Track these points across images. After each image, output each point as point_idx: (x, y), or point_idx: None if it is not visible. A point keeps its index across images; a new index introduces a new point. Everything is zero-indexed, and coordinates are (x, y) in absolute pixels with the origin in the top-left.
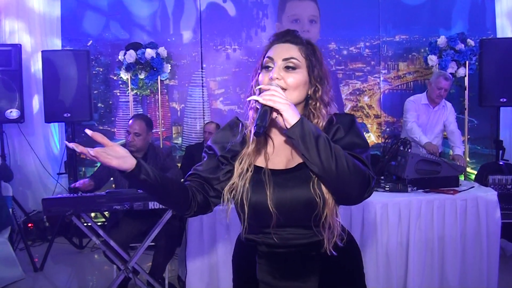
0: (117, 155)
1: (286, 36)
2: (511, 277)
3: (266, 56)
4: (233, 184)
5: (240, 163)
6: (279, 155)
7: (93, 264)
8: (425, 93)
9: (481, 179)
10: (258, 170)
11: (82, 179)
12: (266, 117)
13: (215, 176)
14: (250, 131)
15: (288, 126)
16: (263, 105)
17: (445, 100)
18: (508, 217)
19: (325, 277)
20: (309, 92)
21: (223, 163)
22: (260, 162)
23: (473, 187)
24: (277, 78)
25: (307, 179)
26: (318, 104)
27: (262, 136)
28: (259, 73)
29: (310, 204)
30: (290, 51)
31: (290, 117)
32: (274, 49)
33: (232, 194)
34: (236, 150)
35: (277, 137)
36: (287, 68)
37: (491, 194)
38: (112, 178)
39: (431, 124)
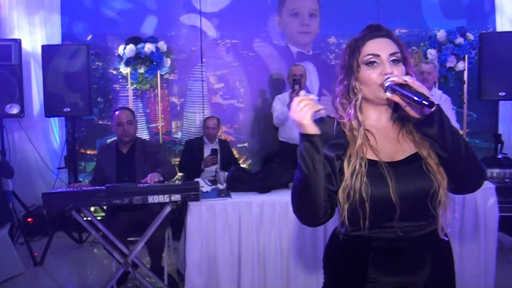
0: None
1: (382, 31)
2: (509, 270)
3: (367, 53)
4: (347, 184)
5: (349, 161)
6: (384, 148)
7: (92, 258)
8: None
9: None
10: (372, 163)
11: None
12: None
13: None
14: (354, 126)
15: (427, 112)
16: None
17: (442, 92)
18: (506, 210)
19: (435, 269)
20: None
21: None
22: (370, 155)
23: None
24: (392, 73)
25: (423, 170)
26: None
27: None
28: (359, 71)
29: (431, 194)
30: (391, 45)
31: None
32: (374, 45)
33: (346, 193)
34: (340, 149)
35: (376, 130)
36: (393, 61)
37: (489, 188)
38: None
39: None
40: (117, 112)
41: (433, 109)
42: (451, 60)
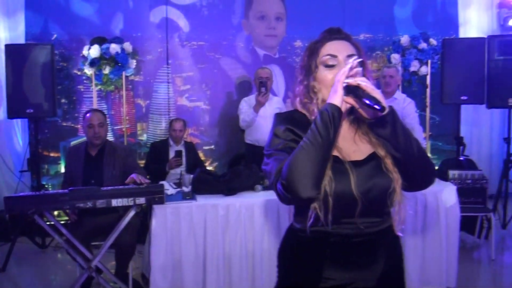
0: None
1: (341, 34)
2: (471, 268)
3: (325, 54)
4: None
5: None
6: (344, 147)
7: (56, 263)
8: None
9: (441, 174)
10: (337, 159)
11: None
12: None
13: None
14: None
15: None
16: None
17: (406, 96)
18: (467, 210)
19: (387, 265)
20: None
21: None
22: (334, 152)
23: None
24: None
25: (382, 169)
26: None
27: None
28: (317, 71)
29: (389, 192)
30: (349, 48)
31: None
32: (332, 46)
33: None
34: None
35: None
36: None
37: (450, 189)
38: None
39: None
40: (88, 114)
41: (384, 112)
42: (414, 65)
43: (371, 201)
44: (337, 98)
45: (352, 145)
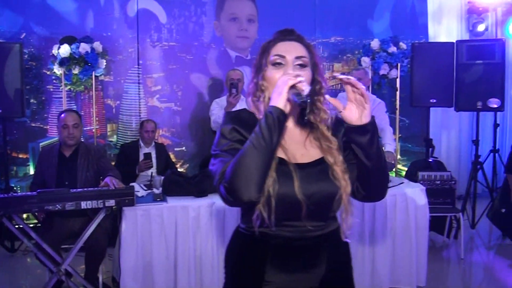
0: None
1: (292, 35)
2: (440, 268)
3: (274, 53)
4: None
5: None
6: (291, 149)
7: (25, 267)
8: None
9: (411, 176)
10: (282, 161)
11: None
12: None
13: None
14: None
15: (363, 122)
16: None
17: (375, 97)
18: (436, 210)
19: (329, 268)
20: (316, 89)
21: None
22: (280, 153)
23: (402, 183)
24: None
25: (328, 173)
26: (322, 99)
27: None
28: (265, 70)
29: (333, 197)
30: (299, 49)
31: (368, 115)
32: (282, 47)
33: None
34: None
35: (287, 132)
36: (299, 65)
37: (419, 190)
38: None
39: None
40: (63, 115)
41: (305, 105)
42: (384, 68)
43: (315, 205)
44: (281, 101)
45: (301, 148)
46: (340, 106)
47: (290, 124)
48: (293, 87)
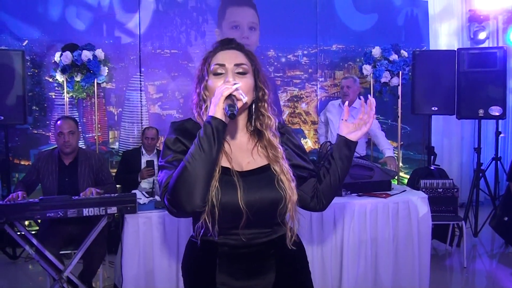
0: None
1: (231, 44)
2: (443, 275)
3: (214, 63)
4: None
5: None
6: (237, 157)
7: (27, 274)
8: None
9: (413, 183)
10: (225, 170)
11: (15, 192)
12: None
13: None
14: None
15: (352, 139)
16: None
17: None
18: (438, 219)
19: (280, 274)
20: (259, 95)
21: None
22: (224, 162)
23: (404, 190)
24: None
25: (272, 180)
26: (266, 105)
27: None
28: (207, 80)
29: (277, 204)
30: (238, 57)
31: (360, 136)
32: (222, 56)
33: None
34: None
35: (231, 138)
36: (238, 73)
37: (422, 197)
38: (40, 184)
39: None
40: (59, 122)
41: (233, 118)
42: (385, 76)
43: (258, 213)
44: (219, 110)
45: (248, 156)
46: (345, 116)
47: (238, 133)
48: (229, 96)
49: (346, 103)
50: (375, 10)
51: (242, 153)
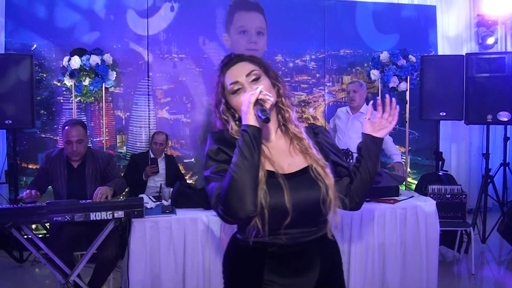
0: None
1: (232, 59)
2: (451, 282)
3: (228, 83)
4: None
5: None
6: (278, 160)
7: (34, 278)
8: None
9: (421, 189)
10: (270, 174)
11: (28, 190)
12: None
13: None
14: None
15: (379, 135)
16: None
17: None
18: (447, 225)
19: (323, 271)
20: (277, 92)
21: None
22: (268, 166)
23: (412, 196)
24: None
25: (314, 181)
26: (284, 100)
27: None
28: (224, 102)
29: (322, 203)
30: (245, 66)
31: (386, 133)
32: (231, 74)
33: None
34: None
35: (268, 143)
36: (253, 81)
37: (430, 203)
38: (50, 186)
39: (350, 129)
40: (67, 127)
41: (268, 122)
42: (393, 81)
43: (304, 212)
44: (251, 118)
45: (288, 157)
46: (369, 114)
47: (272, 136)
48: (256, 102)
49: (371, 103)
50: (383, 15)
51: (282, 155)
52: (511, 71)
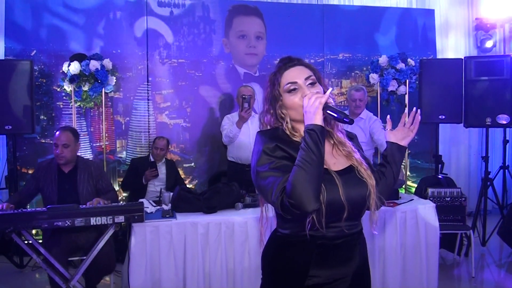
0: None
1: (293, 61)
2: (451, 285)
3: (286, 82)
4: None
5: None
6: (327, 159)
7: (34, 283)
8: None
9: (420, 192)
10: (325, 171)
11: (0, 204)
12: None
13: None
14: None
15: (403, 144)
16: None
17: (372, 114)
18: (446, 228)
19: (360, 260)
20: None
21: None
22: None
23: (412, 199)
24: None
25: (359, 177)
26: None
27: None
28: (281, 99)
29: (367, 195)
30: (304, 71)
31: (409, 141)
32: (290, 74)
33: None
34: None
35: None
36: (310, 84)
37: (429, 206)
38: (40, 194)
39: None
40: (57, 132)
41: (352, 123)
42: (392, 85)
43: (355, 206)
44: (318, 118)
45: (331, 158)
46: (389, 126)
47: None
48: (327, 105)
49: (388, 116)
50: (381, 19)
51: (327, 155)
52: (510, 74)
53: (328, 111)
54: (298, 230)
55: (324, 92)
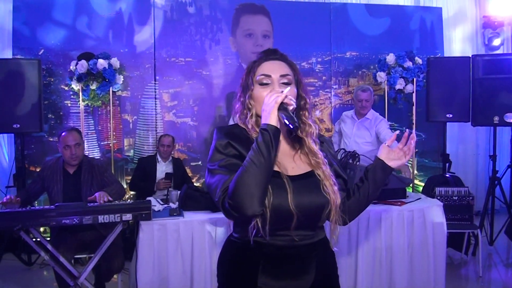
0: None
1: (276, 54)
2: (458, 284)
3: (260, 73)
4: None
5: None
6: (283, 162)
7: (42, 280)
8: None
9: (428, 191)
10: (275, 173)
11: (9, 195)
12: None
13: None
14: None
15: (391, 165)
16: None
17: (378, 114)
18: (454, 227)
19: (318, 275)
20: (300, 104)
21: None
22: (274, 167)
23: (419, 198)
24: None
25: (318, 185)
26: (307, 113)
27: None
28: (252, 89)
29: (324, 208)
30: (283, 67)
31: (398, 164)
32: (268, 66)
33: None
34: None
35: (279, 146)
36: (283, 83)
37: (437, 205)
38: (46, 193)
39: (356, 135)
40: (63, 134)
41: (297, 131)
42: (400, 83)
43: (305, 215)
44: (273, 118)
45: (291, 162)
46: (390, 142)
47: (282, 139)
48: (281, 105)
49: (397, 131)
50: (388, 15)
51: (286, 158)
52: None
53: (280, 113)
54: (244, 236)
55: (299, 96)
